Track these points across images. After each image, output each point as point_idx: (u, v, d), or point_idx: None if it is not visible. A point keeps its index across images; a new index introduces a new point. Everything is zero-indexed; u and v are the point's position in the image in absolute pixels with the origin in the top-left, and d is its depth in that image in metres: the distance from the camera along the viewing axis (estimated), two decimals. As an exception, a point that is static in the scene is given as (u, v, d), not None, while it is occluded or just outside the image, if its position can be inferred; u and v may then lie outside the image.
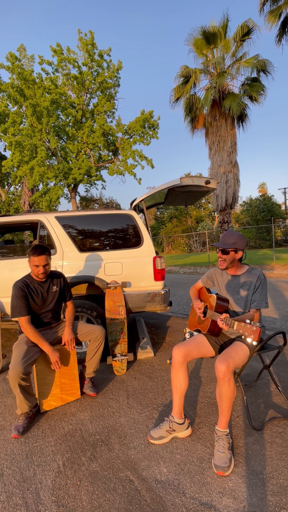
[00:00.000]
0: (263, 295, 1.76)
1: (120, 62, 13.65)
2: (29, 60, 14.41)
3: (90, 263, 2.99)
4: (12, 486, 1.42)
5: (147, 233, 3.10)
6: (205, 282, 2.06)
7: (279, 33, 10.64)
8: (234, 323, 1.54)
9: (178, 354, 1.71)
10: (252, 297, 1.77)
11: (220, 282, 1.94)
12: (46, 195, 13.00)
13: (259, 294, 1.76)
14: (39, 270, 2.05)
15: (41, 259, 2.02)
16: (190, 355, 1.73)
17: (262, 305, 1.75)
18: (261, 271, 1.81)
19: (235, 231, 1.78)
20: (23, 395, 1.85)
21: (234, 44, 11.47)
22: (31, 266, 2.06)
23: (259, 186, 40.42)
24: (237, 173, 11.83)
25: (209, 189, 3.33)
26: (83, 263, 2.99)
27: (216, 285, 1.97)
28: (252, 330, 1.41)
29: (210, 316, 1.82)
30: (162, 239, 25.29)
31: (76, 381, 2.21)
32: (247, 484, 1.36)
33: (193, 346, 1.77)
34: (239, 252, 1.78)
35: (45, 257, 2.04)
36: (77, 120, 13.75)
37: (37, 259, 2.01)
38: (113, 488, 1.38)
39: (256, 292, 1.76)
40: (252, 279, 1.79)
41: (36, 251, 2.01)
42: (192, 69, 11.63)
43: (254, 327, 1.41)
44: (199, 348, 1.78)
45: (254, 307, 1.77)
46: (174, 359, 1.72)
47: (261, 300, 1.75)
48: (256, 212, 25.71)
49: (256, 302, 1.76)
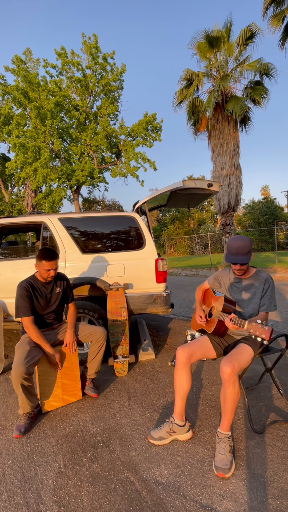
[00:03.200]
0: (272, 298, 1.77)
1: (124, 65, 13.75)
2: (34, 63, 14.55)
3: (93, 264, 3.00)
4: (14, 485, 1.43)
5: (149, 235, 3.11)
6: (212, 284, 2.07)
7: (282, 37, 10.68)
8: (244, 322, 1.55)
9: (181, 355, 1.72)
10: (261, 300, 1.78)
11: (227, 284, 1.94)
12: (49, 196, 13.07)
13: (268, 297, 1.77)
14: (50, 274, 2.09)
15: (52, 263, 2.06)
16: (194, 356, 1.74)
17: (271, 308, 1.77)
18: (269, 274, 1.82)
19: (242, 236, 1.76)
20: (25, 395, 1.86)
21: (237, 48, 11.54)
22: (41, 270, 2.07)
23: (261, 189, 40.37)
24: (240, 176, 11.85)
25: (211, 192, 3.34)
26: (85, 265, 3.00)
27: (223, 287, 1.97)
28: (263, 330, 1.43)
29: (217, 316, 1.83)
30: (164, 241, 25.29)
31: (78, 382, 2.22)
32: (247, 487, 1.36)
33: (197, 347, 1.77)
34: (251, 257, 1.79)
35: (56, 261, 2.10)
36: (81, 123, 13.84)
37: (49, 264, 2.05)
38: (113, 489, 1.38)
39: (265, 296, 1.77)
40: (260, 282, 1.79)
41: (47, 256, 2.03)
42: (195, 72, 11.69)
43: (266, 327, 1.43)
44: (202, 350, 1.79)
45: (263, 310, 1.78)
46: (178, 359, 1.72)
47: (270, 303, 1.77)
48: (258, 214, 25.66)
49: (266, 305, 1.77)
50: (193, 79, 11.67)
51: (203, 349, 1.80)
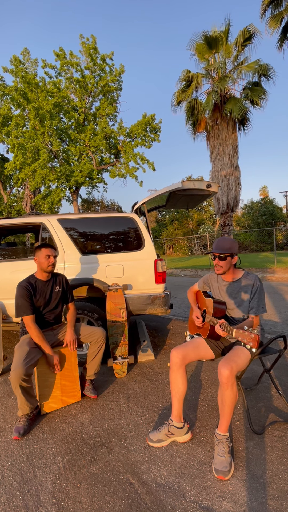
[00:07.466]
0: (261, 300, 1.76)
1: (122, 66, 13.76)
2: (32, 64, 14.57)
3: (92, 265, 3.00)
4: (13, 488, 1.43)
5: (149, 236, 3.11)
6: (201, 287, 2.08)
7: (280, 38, 10.73)
8: (232, 330, 1.53)
9: (175, 356, 1.71)
10: (250, 303, 1.77)
11: (215, 287, 1.94)
12: (48, 197, 13.06)
13: (256, 300, 1.75)
14: (51, 261, 2.16)
15: (52, 250, 2.18)
16: (188, 357, 1.73)
17: (260, 311, 1.75)
18: (257, 276, 1.81)
19: (228, 237, 1.80)
20: (25, 396, 1.86)
21: (235, 49, 11.58)
22: (42, 259, 2.15)
23: (260, 190, 40.44)
24: (239, 176, 11.87)
25: (210, 193, 3.35)
26: (84, 266, 3.00)
27: (212, 290, 1.98)
28: (250, 338, 1.41)
29: (209, 321, 1.82)
30: (163, 241, 25.29)
31: (77, 383, 2.22)
32: (247, 488, 1.36)
33: (191, 348, 1.77)
34: (234, 257, 1.79)
35: (53, 249, 2.20)
36: (80, 123, 13.84)
37: (49, 250, 2.16)
38: (113, 491, 1.38)
39: (254, 299, 1.76)
40: (248, 285, 1.78)
41: (43, 244, 2.19)
42: (194, 73, 11.73)
43: (252, 334, 1.40)
44: (197, 351, 1.78)
45: (252, 313, 1.76)
46: (172, 361, 1.72)
47: (258, 306, 1.75)
48: (257, 215, 25.71)
49: (255, 309, 1.75)
50: (192, 80, 11.71)
51: (198, 350, 1.79)
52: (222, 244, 1.78)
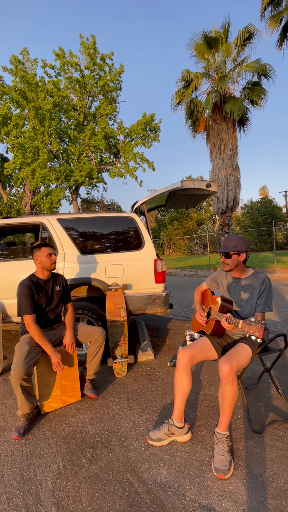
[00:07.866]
0: (268, 299, 1.78)
1: (122, 66, 13.75)
2: (32, 63, 14.52)
3: (91, 265, 3.00)
4: (13, 487, 1.43)
5: (148, 236, 3.11)
6: (209, 285, 2.09)
7: (280, 38, 10.71)
8: (238, 322, 1.57)
9: (183, 357, 1.71)
10: (257, 301, 1.79)
11: (224, 284, 1.95)
12: (48, 197, 13.05)
13: (264, 298, 1.77)
14: (53, 259, 2.18)
15: (51, 248, 2.21)
16: (195, 358, 1.74)
17: (266, 309, 1.77)
18: (266, 275, 1.83)
19: (236, 235, 1.81)
20: (25, 396, 1.86)
21: (235, 49, 11.55)
22: (44, 258, 2.16)
23: (260, 189, 40.47)
24: (238, 176, 11.86)
25: (210, 192, 3.35)
26: (84, 265, 3.00)
27: (221, 287, 1.99)
28: (257, 328, 1.45)
29: (214, 316, 1.83)
30: (163, 241, 25.29)
31: (77, 383, 2.22)
32: (247, 487, 1.36)
33: (198, 349, 1.78)
34: (242, 255, 1.80)
35: (51, 247, 2.23)
36: (79, 123, 13.83)
37: (49, 248, 2.18)
38: (113, 490, 1.38)
39: (262, 296, 1.77)
40: (257, 283, 1.80)
41: (42, 243, 2.21)
42: (194, 73, 11.71)
43: (259, 324, 1.45)
44: (203, 351, 1.79)
45: (259, 310, 1.78)
46: (179, 361, 1.72)
47: (265, 304, 1.77)
48: (257, 215, 25.71)
49: (261, 306, 1.77)
50: (192, 80, 11.69)
51: (204, 351, 1.80)
52: (228, 242, 1.81)
